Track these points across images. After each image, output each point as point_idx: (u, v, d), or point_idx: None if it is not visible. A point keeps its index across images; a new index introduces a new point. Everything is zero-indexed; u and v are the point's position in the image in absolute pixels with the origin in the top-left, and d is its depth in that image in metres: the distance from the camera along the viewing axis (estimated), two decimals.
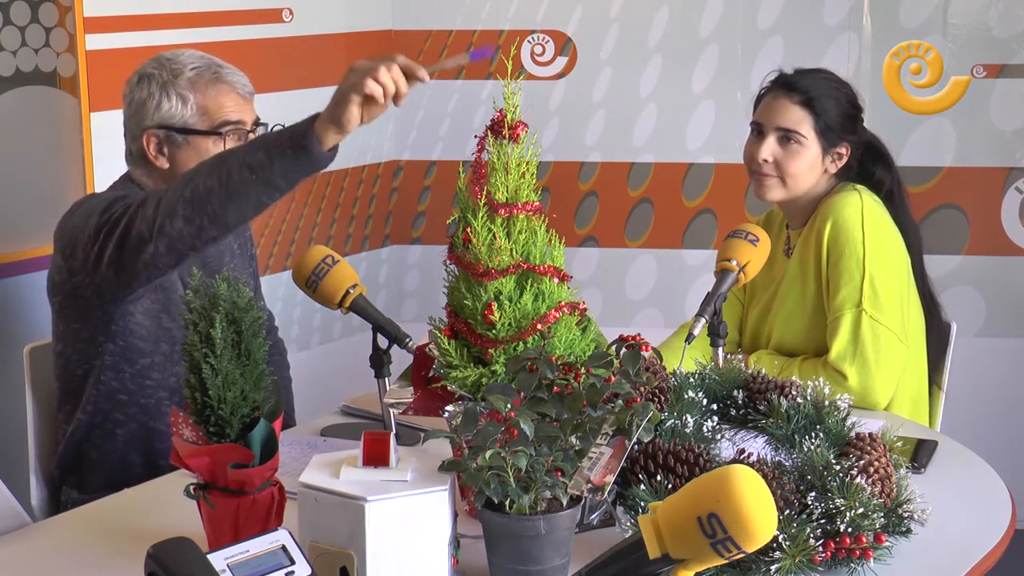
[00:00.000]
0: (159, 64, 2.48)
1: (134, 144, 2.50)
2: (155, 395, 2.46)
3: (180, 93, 2.45)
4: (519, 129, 1.98)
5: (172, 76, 2.46)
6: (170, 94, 2.45)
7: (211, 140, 2.46)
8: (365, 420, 2.58)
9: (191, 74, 2.46)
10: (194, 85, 2.46)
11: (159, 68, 2.47)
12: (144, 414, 2.46)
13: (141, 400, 2.45)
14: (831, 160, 2.82)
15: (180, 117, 2.46)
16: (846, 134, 2.82)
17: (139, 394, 2.45)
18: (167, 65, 2.47)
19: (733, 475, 1.47)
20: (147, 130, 2.47)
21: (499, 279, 1.97)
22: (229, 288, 1.80)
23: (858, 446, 2.02)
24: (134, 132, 2.49)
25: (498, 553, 1.74)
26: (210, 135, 2.46)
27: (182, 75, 2.46)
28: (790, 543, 1.78)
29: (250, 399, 1.80)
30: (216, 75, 2.48)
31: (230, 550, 1.62)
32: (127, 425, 2.46)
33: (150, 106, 2.45)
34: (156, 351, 2.44)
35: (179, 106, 2.45)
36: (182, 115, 2.46)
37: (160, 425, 2.44)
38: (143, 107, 2.46)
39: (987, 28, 3.94)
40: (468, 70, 4.14)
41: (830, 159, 2.81)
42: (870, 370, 2.65)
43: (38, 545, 2.04)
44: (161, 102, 2.45)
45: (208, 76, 2.47)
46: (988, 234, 4.00)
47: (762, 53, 4.00)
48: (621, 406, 1.82)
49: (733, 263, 2.51)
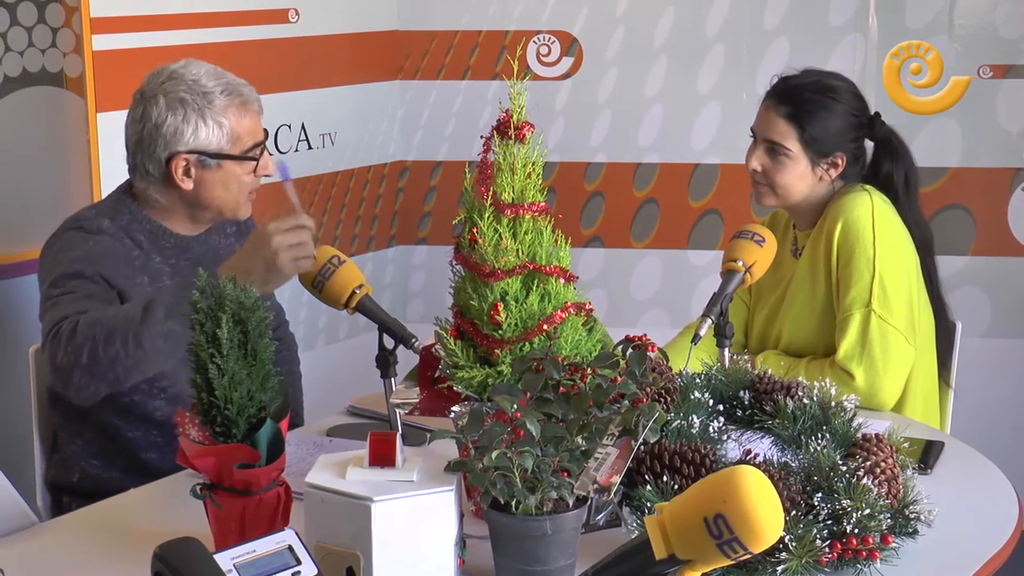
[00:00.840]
0: (186, 87, 2.45)
1: (154, 165, 2.47)
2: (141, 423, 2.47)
3: (216, 120, 2.45)
4: (525, 129, 1.98)
5: (206, 102, 2.44)
6: (207, 121, 2.44)
7: (242, 163, 2.48)
8: (371, 420, 2.58)
9: (224, 100, 2.45)
10: (227, 111, 2.46)
11: (189, 92, 2.44)
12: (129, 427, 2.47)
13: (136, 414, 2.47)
14: (824, 169, 2.80)
15: (216, 143, 2.46)
16: (841, 144, 2.79)
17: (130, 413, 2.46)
18: (196, 88, 2.45)
19: (739, 476, 1.47)
20: (178, 154, 2.45)
21: (505, 279, 1.97)
22: (236, 288, 1.80)
23: (865, 447, 2.02)
24: (158, 154, 2.45)
25: (504, 553, 1.74)
26: (243, 159, 2.48)
27: (215, 101, 2.45)
28: (796, 544, 1.78)
29: (256, 399, 1.80)
30: (242, 97, 2.48)
31: (236, 550, 1.62)
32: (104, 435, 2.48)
33: (185, 132, 2.43)
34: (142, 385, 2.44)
35: (216, 132, 2.45)
36: (218, 141, 2.46)
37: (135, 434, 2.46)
38: (177, 132, 2.43)
39: (993, 28, 3.93)
40: (473, 70, 4.15)
41: (823, 169, 2.80)
42: (877, 370, 2.65)
43: (45, 545, 2.04)
44: (199, 129, 2.44)
45: (237, 100, 2.47)
46: (995, 235, 3.99)
47: (768, 54, 4.00)
48: (627, 407, 1.82)
49: (739, 264, 2.51)
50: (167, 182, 2.48)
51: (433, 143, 4.23)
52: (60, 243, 2.45)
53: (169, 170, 2.46)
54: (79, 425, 2.49)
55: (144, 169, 2.48)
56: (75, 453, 2.51)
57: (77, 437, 2.51)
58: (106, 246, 2.43)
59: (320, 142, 3.95)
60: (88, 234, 2.44)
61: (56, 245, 2.46)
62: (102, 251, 2.42)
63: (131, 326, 2.21)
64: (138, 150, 2.48)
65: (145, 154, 2.47)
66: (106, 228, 2.45)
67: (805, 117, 2.77)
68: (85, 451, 2.50)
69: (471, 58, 4.15)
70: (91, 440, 2.48)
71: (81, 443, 2.50)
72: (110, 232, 2.45)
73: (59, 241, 2.46)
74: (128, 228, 2.49)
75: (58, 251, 2.43)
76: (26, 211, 3.22)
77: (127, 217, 2.49)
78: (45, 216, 3.16)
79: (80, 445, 2.50)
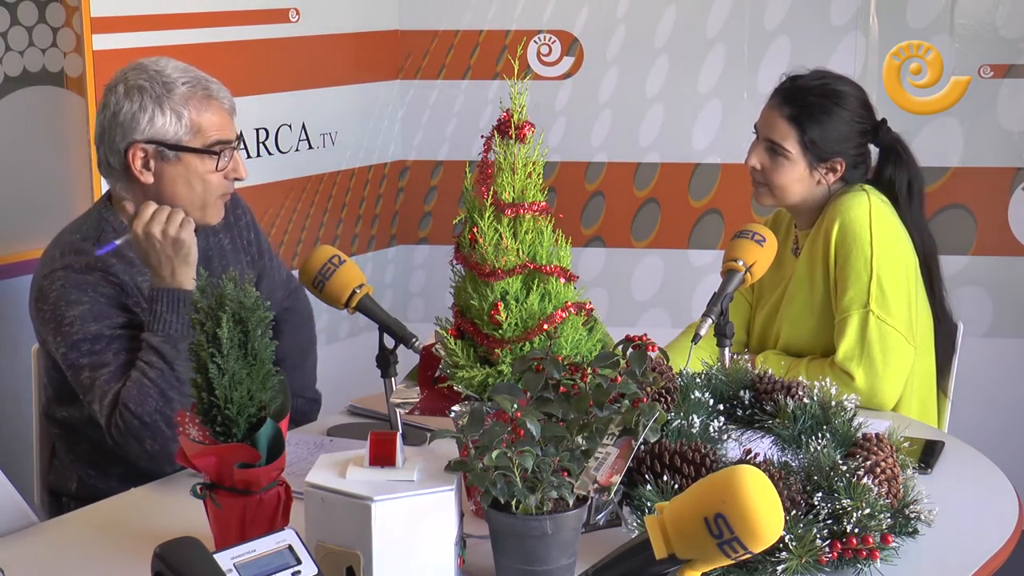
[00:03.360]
0: (147, 76, 2.40)
1: (114, 156, 2.42)
2: None
3: (175, 109, 2.38)
4: (525, 129, 1.98)
5: (165, 90, 2.39)
6: (164, 109, 2.38)
7: (203, 158, 2.41)
8: (371, 420, 2.58)
9: (184, 90, 2.40)
10: (188, 101, 2.39)
11: (149, 80, 2.39)
12: None
13: None
14: (823, 173, 2.80)
15: (174, 133, 2.39)
16: (841, 149, 2.79)
17: None
18: (156, 77, 2.39)
19: (740, 475, 1.47)
20: (135, 143, 2.39)
21: (505, 279, 1.97)
22: (236, 288, 1.80)
23: (865, 446, 2.02)
24: (116, 144, 2.41)
25: (504, 553, 1.74)
26: (204, 153, 2.41)
27: (175, 90, 2.39)
28: (797, 544, 1.78)
29: (256, 399, 1.80)
30: (207, 91, 2.42)
31: (236, 550, 1.62)
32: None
33: (141, 120, 2.38)
34: None
35: (173, 122, 2.39)
36: (176, 131, 2.39)
37: None
38: (133, 120, 2.38)
39: (994, 28, 3.93)
40: (474, 70, 4.15)
41: (822, 172, 2.80)
42: (877, 371, 2.65)
43: (45, 545, 2.04)
44: (155, 117, 2.38)
45: (201, 93, 2.41)
46: (995, 234, 4.00)
47: (768, 53, 4.00)
48: (627, 406, 1.82)
49: (740, 263, 2.51)
50: (128, 176, 2.42)
51: (434, 143, 4.23)
52: (56, 291, 2.37)
53: (127, 161, 2.40)
54: (75, 437, 2.48)
55: (107, 163, 2.44)
56: (73, 461, 2.50)
57: (74, 447, 2.50)
58: (102, 291, 2.37)
59: (321, 142, 3.95)
60: (79, 274, 2.37)
61: (52, 293, 2.38)
62: (103, 299, 2.37)
63: (166, 375, 2.27)
64: (101, 142, 2.44)
65: (107, 146, 2.42)
66: (94, 261, 2.38)
67: (806, 120, 2.77)
68: (82, 460, 2.49)
69: (472, 58, 4.15)
70: (88, 451, 2.47)
71: (78, 453, 2.49)
72: (99, 266, 2.38)
73: (53, 287, 2.38)
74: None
75: (57, 301, 2.36)
76: (26, 211, 3.21)
77: (111, 234, 2.43)
78: (45, 216, 3.16)
79: (77, 455, 2.49)
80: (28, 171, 3.22)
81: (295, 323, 2.77)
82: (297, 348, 2.74)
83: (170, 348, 2.28)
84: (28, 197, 3.22)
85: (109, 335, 2.34)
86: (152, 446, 2.27)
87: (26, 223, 3.20)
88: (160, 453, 2.27)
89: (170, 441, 2.24)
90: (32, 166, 3.23)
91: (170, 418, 2.23)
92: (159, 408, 2.26)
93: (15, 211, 3.20)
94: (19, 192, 3.20)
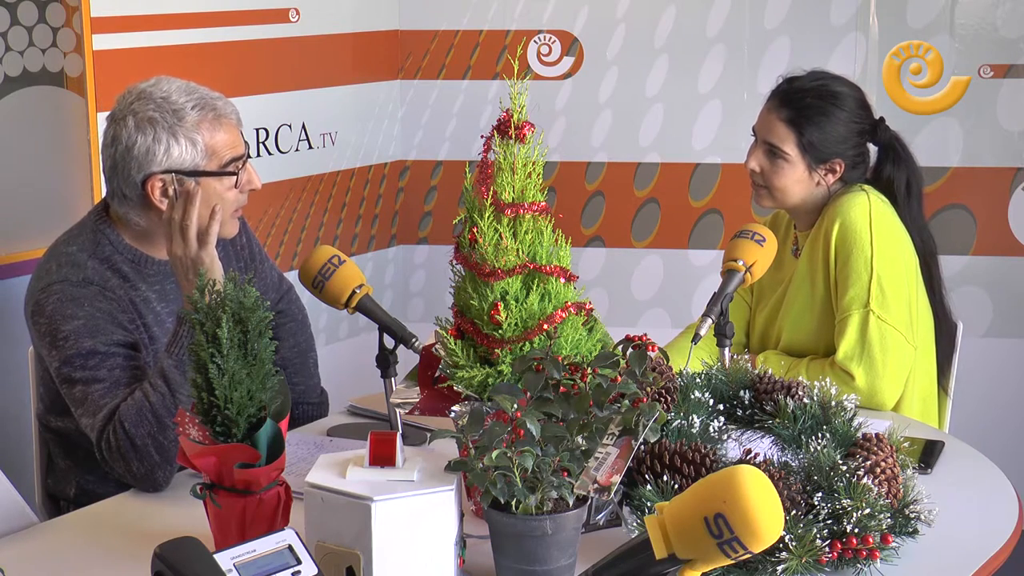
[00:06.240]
0: (155, 105, 2.37)
1: (130, 188, 2.38)
2: None
3: (189, 136, 2.36)
4: (525, 129, 1.98)
5: (177, 119, 2.36)
6: (179, 138, 2.36)
7: (220, 179, 2.40)
8: (371, 420, 2.58)
9: (195, 115, 2.38)
10: (199, 126, 2.37)
11: (159, 111, 2.36)
12: None
13: None
14: (822, 175, 2.80)
15: (191, 160, 2.37)
16: (840, 150, 2.79)
17: None
18: (165, 106, 2.37)
19: (740, 475, 1.47)
20: (152, 175, 2.37)
21: (505, 279, 1.97)
22: (236, 288, 1.80)
23: (865, 446, 2.02)
24: (132, 177, 2.37)
25: (504, 553, 1.74)
26: (222, 175, 2.40)
27: (186, 117, 2.37)
28: (797, 543, 1.78)
29: (256, 399, 1.80)
30: (215, 111, 2.40)
31: (236, 550, 1.62)
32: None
33: (157, 152, 2.35)
34: None
35: (189, 149, 2.37)
36: (192, 158, 2.37)
37: None
38: (148, 153, 2.35)
39: (994, 28, 3.93)
40: (474, 70, 4.15)
41: (821, 173, 2.80)
42: (877, 370, 2.65)
43: (45, 545, 2.04)
44: (171, 147, 2.36)
45: (211, 115, 2.39)
46: (995, 234, 4.00)
47: (768, 53, 4.00)
48: (627, 406, 1.82)
49: (739, 263, 2.51)
50: (146, 204, 2.40)
51: (434, 143, 4.23)
52: (52, 304, 2.35)
53: (146, 192, 2.37)
54: (72, 445, 2.48)
55: (122, 194, 2.40)
56: (71, 467, 2.49)
57: (71, 454, 2.49)
58: (99, 306, 2.35)
59: (321, 141, 3.95)
60: (75, 287, 2.35)
61: (48, 307, 2.36)
62: (99, 314, 2.34)
63: (167, 402, 2.22)
64: (113, 175, 2.40)
65: (121, 178, 2.39)
66: (91, 275, 2.37)
67: (804, 123, 2.77)
68: (80, 466, 2.48)
69: (472, 58, 4.15)
70: (85, 457, 2.46)
71: (76, 459, 2.48)
72: (96, 281, 2.37)
73: (49, 301, 2.36)
74: (111, 260, 2.41)
75: (52, 315, 2.34)
76: (26, 211, 3.21)
77: (108, 248, 2.41)
78: (45, 216, 3.16)
79: (75, 460, 2.48)
80: (28, 171, 3.22)
81: (291, 327, 2.76)
82: (297, 351, 2.74)
83: (178, 375, 2.22)
84: (28, 197, 3.22)
85: (104, 351, 2.31)
86: (139, 468, 2.23)
87: (26, 223, 3.20)
88: (145, 477, 2.23)
89: (157, 467, 2.22)
90: (32, 166, 3.23)
91: (162, 444, 2.21)
92: (152, 433, 2.21)
93: (15, 211, 3.20)
94: (19, 192, 3.20)
